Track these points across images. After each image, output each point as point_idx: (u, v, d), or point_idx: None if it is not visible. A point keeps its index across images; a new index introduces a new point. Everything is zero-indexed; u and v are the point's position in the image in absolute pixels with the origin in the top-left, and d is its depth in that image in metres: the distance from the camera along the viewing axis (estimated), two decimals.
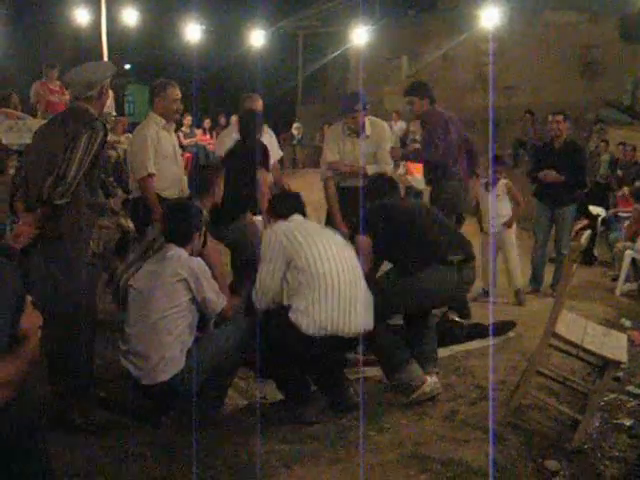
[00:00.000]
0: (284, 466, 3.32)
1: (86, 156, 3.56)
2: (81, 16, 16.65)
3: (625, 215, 9.74)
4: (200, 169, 8.71)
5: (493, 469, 3.23)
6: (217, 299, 3.84)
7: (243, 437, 3.64)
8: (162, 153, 5.01)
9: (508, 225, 7.11)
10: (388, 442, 3.58)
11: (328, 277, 3.81)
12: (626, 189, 10.53)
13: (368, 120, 5.76)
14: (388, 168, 5.72)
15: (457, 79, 17.57)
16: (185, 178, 5.42)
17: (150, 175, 4.92)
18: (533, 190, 7.47)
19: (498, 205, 7.06)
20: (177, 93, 5.10)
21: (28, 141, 4.93)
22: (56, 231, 3.62)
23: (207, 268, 3.87)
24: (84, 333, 3.73)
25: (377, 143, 5.73)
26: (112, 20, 16.15)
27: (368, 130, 5.72)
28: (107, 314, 4.95)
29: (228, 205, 5.22)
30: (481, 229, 7.30)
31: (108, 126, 4.24)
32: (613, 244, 8.84)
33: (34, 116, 8.94)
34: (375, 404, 4.10)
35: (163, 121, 5.06)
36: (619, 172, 12.60)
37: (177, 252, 3.84)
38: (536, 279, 7.40)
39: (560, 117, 7.15)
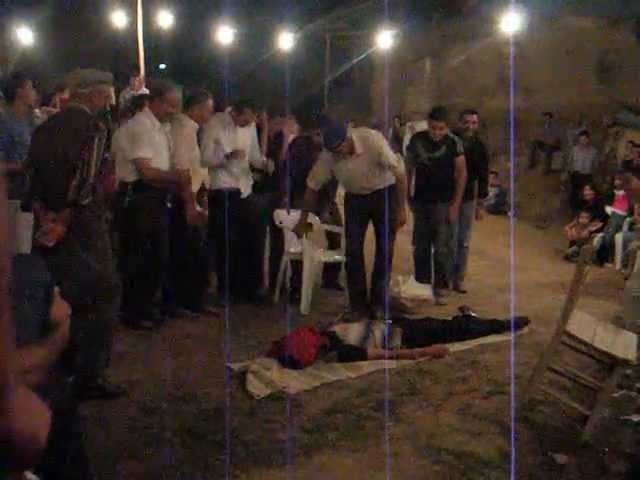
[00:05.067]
0: (304, 454, 3.44)
1: (98, 158, 3.87)
2: (119, 19, 17.86)
3: (619, 213, 9.96)
4: None
5: (504, 461, 3.35)
6: None
7: (264, 425, 3.77)
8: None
9: None
10: (403, 433, 3.70)
11: None
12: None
13: (355, 137, 5.68)
14: (399, 167, 5.84)
15: (479, 81, 17.57)
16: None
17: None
18: None
19: None
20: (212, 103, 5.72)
21: None
22: (85, 226, 3.93)
23: None
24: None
25: (372, 154, 5.68)
26: (148, 23, 17.07)
27: (358, 148, 5.67)
28: None
29: None
30: None
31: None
32: (628, 242, 8.80)
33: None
34: (393, 396, 4.19)
35: (196, 125, 5.61)
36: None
37: None
38: None
39: None
